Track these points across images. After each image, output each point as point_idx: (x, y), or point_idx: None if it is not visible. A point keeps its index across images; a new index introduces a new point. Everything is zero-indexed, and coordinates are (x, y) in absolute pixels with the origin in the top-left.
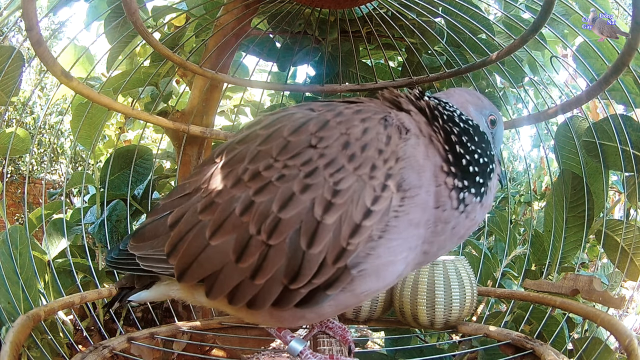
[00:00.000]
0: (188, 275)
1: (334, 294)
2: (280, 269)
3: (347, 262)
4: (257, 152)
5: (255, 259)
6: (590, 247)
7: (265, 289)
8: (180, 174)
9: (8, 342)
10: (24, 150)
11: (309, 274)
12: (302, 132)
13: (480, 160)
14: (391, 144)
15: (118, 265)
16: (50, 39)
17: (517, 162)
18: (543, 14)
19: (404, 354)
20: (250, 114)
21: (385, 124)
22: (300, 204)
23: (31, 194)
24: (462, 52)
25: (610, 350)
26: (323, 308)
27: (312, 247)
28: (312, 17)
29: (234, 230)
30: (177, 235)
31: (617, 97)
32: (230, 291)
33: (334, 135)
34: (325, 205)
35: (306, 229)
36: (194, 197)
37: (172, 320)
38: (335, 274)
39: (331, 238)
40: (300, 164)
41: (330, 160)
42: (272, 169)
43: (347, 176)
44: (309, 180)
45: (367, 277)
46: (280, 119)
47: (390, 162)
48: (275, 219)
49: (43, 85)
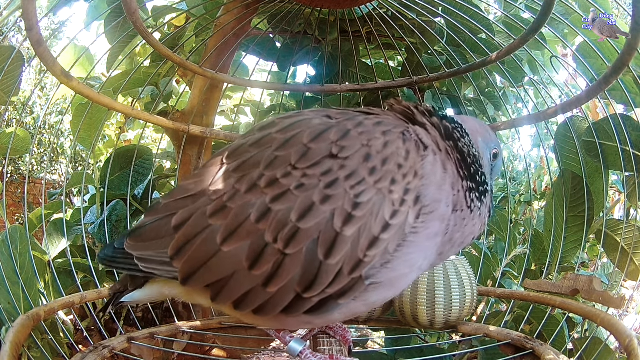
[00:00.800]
0: (194, 280)
1: (345, 302)
2: (294, 278)
3: (363, 272)
4: (274, 157)
5: (269, 266)
6: (590, 247)
7: (277, 296)
8: (180, 174)
9: (8, 342)
10: (24, 150)
11: (324, 284)
12: (322, 139)
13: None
14: (410, 159)
15: (113, 263)
16: (50, 39)
17: (517, 162)
18: (543, 14)
19: (404, 354)
20: (250, 114)
21: (404, 139)
22: (320, 214)
23: (31, 194)
24: (462, 52)
25: (610, 350)
26: (332, 315)
27: (329, 257)
28: (312, 17)
29: (249, 237)
30: (183, 237)
31: (617, 97)
32: (238, 297)
33: (355, 146)
34: (346, 217)
35: (324, 239)
36: (201, 199)
37: (172, 320)
38: (349, 284)
39: (349, 249)
40: (321, 173)
41: (351, 172)
42: (291, 176)
43: (367, 189)
44: (330, 191)
45: (380, 288)
46: (298, 124)
47: (408, 177)
48: (294, 228)
49: (43, 85)
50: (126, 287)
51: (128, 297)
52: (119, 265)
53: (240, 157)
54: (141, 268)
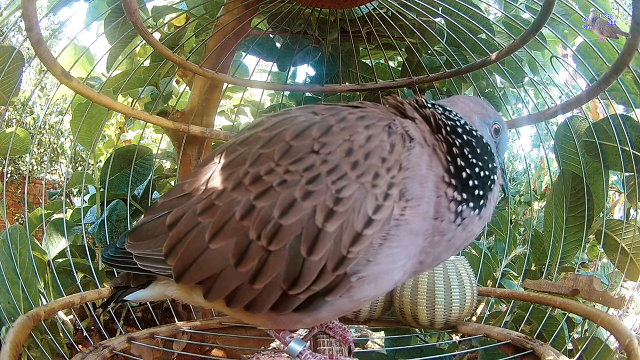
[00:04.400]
0: (186, 277)
1: (332, 300)
2: (279, 275)
3: (347, 269)
4: (258, 155)
5: (254, 263)
6: (590, 247)
7: (264, 293)
8: (180, 174)
9: (8, 342)
10: (24, 150)
11: (308, 281)
12: (304, 136)
13: (481, 174)
14: (395, 152)
15: (115, 263)
16: (50, 39)
17: (517, 162)
18: (543, 14)
19: (404, 354)
20: (250, 114)
21: (389, 132)
22: (301, 210)
23: (31, 194)
24: (462, 52)
25: (610, 350)
26: (320, 313)
27: (312, 254)
28: (312, 17)
29: (234, 234)
30: (175, 236)
31: (617, 97)
32: (228, 294)
33: (337, 142)
34: (327, 213)
35: (307, 236)
36: (193, 197)
37: (172, 320)
38: (334, 281)
39: (332, 246)
40: (303, 169)
41: (332, 167)
42: (274, 173)
43: (349, 184)
44: (311, 186)
45: (365, 284)
46: (283, 122)
47: (393, 171)
48: (276, 225)
49: (43, 85)
50: (128, 284)
51: (132, 295)
52: (120, 264)
53: (229, 155)
54: (139, 266)
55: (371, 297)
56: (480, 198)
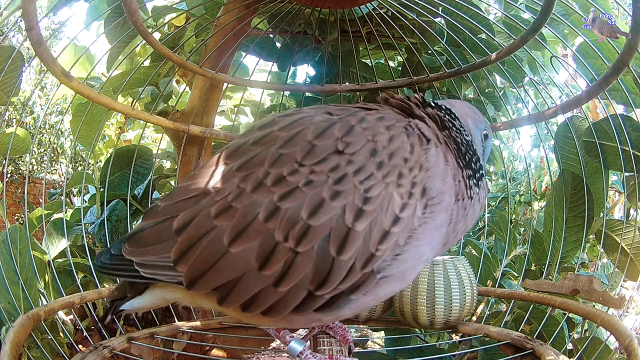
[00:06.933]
0: (200, 284)
1: (356, 297)
2: (306, 276)
3: (374, 267)
4: (279, 155)
5: (280, 266)
6: (590, 247)
7: (288, 296)
8: (180, 174)
9: (8, 342)
10: (24, 150)
11: (337, 280)
12: (327, 136)
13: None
14: (415, 153)
15: (112, 271)
16: (50, 39)
17: (517, 162)
18: (543, 14)
19: (404, 354)
20: (250, 114)
21: (407, 133)
22: (330, 210)
23: (31, 194)
24: (462, 52)
25: (610, 350)
26: (343, 310)
27: (342, 253)
28: (312, 17)
29: (257, 237)
30: (186, 240)
31: (617, 97)
32: (248, 299)
33: (360, 142)
34: (357, 212)
35: (336, 235)
36: (203, 200)
37: (172, 320)
38: (361, 279)
39: (361, 244)
40: (329, 170)
41: (359, 167)
42: (298, 174)
43: (376, 184)
44: (339, 187)
45: (391, 281)
46: (300, 122)
47: (414, 171)
48: (305, 226)
49: (43, 85)
50: (125, 295)
51: (128, 304)
52: (118, 272)
53: (243, 156)
54: (142, 274)
55: (396, 292)
56: (480, 177)
